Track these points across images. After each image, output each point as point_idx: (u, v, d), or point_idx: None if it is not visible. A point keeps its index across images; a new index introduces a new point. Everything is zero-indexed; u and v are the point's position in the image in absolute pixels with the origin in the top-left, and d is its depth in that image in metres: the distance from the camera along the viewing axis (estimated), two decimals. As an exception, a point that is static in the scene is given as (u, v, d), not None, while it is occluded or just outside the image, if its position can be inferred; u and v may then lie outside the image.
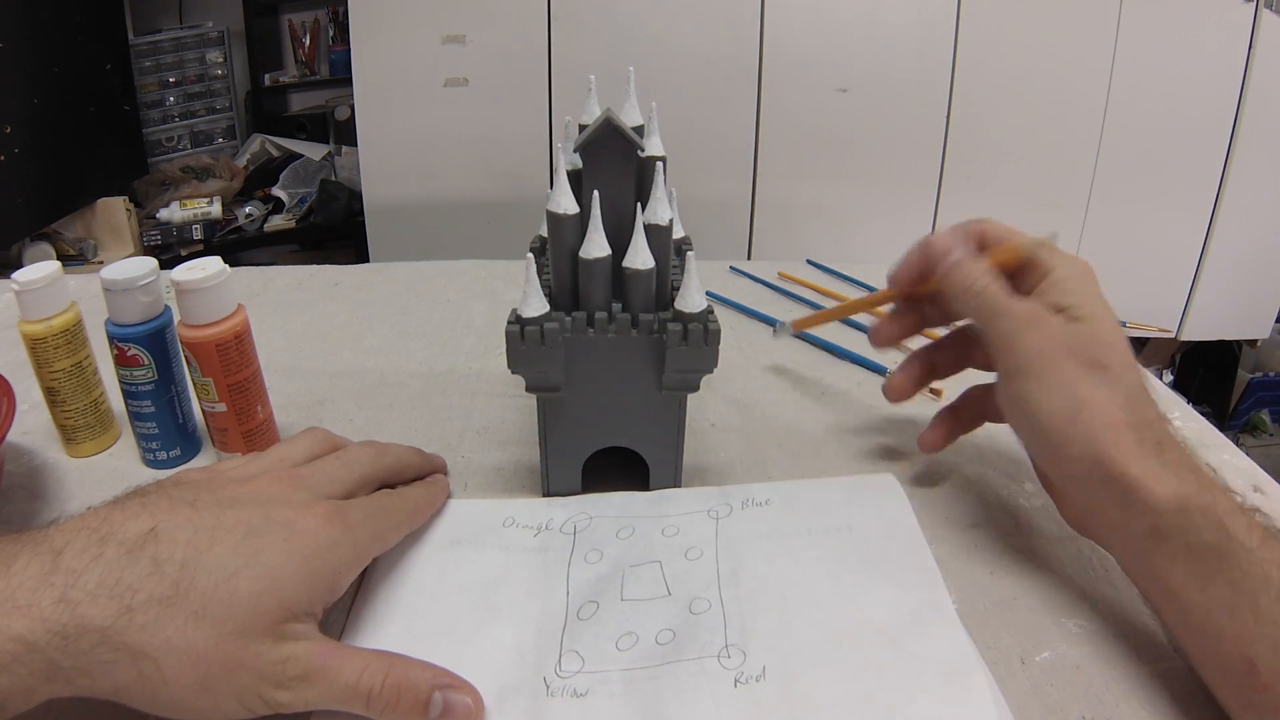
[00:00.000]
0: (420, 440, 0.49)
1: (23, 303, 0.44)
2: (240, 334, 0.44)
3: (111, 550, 0.28)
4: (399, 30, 1.56)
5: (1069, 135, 1.64)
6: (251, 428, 0.46)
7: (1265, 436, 2.05)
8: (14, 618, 0.25)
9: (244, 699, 0.28)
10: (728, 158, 1.64)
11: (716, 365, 0.39)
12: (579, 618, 0.36)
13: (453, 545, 0.40)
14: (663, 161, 0.39)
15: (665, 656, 0.34)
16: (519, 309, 0.38)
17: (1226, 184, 1.68)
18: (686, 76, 1.58)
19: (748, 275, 0.78)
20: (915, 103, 1.60)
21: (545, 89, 1.59)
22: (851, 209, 1.68)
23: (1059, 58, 1.59)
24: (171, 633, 0.27)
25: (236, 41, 2.14)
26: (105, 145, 1.81)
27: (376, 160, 1.65)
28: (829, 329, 0.67)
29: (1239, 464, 0.50)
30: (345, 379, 0.58)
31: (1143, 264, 1.74)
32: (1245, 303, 1.82)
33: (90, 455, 0.49)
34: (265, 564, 0.30)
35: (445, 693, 0.30)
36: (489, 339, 0.64)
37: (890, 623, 0.35)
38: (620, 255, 0.38)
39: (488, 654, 0.34)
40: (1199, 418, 0.55)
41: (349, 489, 0.37)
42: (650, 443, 0.43)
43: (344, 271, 0.78)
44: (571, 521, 0.42)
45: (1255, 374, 2.02)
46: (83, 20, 1.72)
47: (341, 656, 0.30)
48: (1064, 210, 1.69)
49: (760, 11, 1.55)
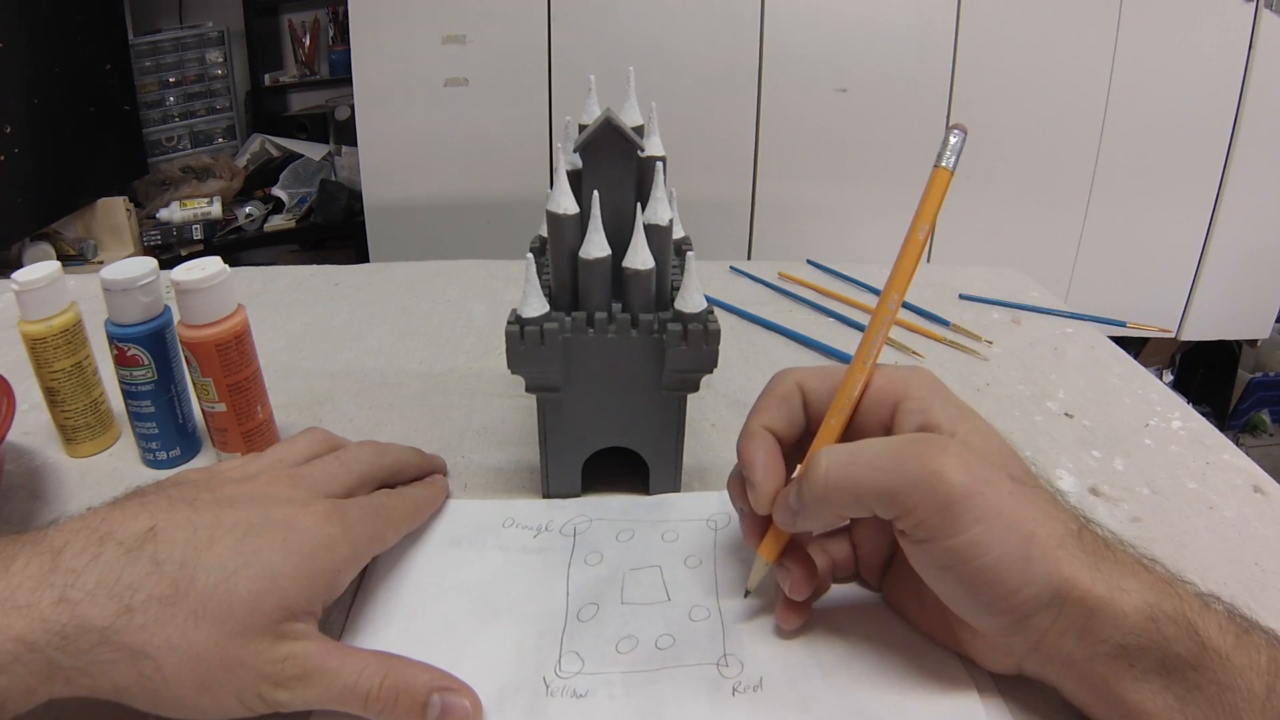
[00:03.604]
0: (420, 440, 0.49)
1: (23, 303, 0.44)
2: (240, 334, 0.44)
3: (111, 550, 0.28)
4: (399, 30, 1.56)
5: (1069, 135, 1.64)
6: (251, 428, 0.46)
7: (1265, 436, 2.05)
8: (14, 618, 0.25)
9: (244, 698, 0.28)
10: (728, 158, 1.64)
11: (716, 365, 0.39)
12: (579, 619, 0.36)
13: (452, 545, 0.40)
14: (663, 161, 0.39)
15: (665, 661, 0.34)
16: (519, 309, 0.38)
17: (1226, 184, 1.68)
18: (686, 76, 1.58)
19: (748, 275, 0.78)
20: (915, 103, 1.60)
21: (545, 89, 1.59)
22: (851, 209, 1.68)
23: (1059, 58, 1.59)
24: (171, 632, 0.27)
25: (236, 41, 2.14)
26: (105, 145, 1.81)
27: (376, 160, 1.65)
28: (829, 330, 0.67)
29: (1239, 464, 0.50)
30: (345, 379, 0.58)
31: (1143, 264, 1.74)
32: (1245, 303, 1.82)
33: (90, 455, 0.49)
34: (265, 563, 0.30)
35: (443, 695, 0.30)
36: (489, 339, 0.64)
37: (884, 634, 0.35)
38: (620, 255, 0.38)
39: (487, 654, 0.34)
40: (1199, 418, 0.55)
41: (348, 488, 0.37)
42: (650, 443, 0.43)
43: (344, 271, 0.78)
44: (571, 524, 0.42)
45: (1255, 374, 2.02)
46: (83, 20, 1.72)
47: (340, 657, 0.30)
48: (1064, 210, 1.69)
49: (760, 11, 1.55)
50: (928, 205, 0.33)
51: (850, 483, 0.30)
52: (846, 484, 0.30)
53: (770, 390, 0.35)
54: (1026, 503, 0.28)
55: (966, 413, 0.32)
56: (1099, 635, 0.28)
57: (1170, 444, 0.52)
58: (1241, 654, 0.27)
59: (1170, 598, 0.27)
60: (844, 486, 0.30)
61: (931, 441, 0.29)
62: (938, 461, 0.28)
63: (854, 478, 0.30)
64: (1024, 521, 0.28)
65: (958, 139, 0.34)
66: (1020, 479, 0.29)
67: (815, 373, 0.35)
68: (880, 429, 0.33)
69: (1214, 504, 0.46)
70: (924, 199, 0.33)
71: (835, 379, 0.34)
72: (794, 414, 0.34)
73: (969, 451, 0.29)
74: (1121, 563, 0.28)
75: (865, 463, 0.30)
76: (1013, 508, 0.28)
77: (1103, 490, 0.47)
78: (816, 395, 0.34)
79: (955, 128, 0.34)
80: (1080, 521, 0.29)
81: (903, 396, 0.32)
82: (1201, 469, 0.49)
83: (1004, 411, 0.55)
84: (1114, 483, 0.47)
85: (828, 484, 0.30)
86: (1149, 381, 0.60)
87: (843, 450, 0.30)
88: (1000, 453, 0.31)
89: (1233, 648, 0.27)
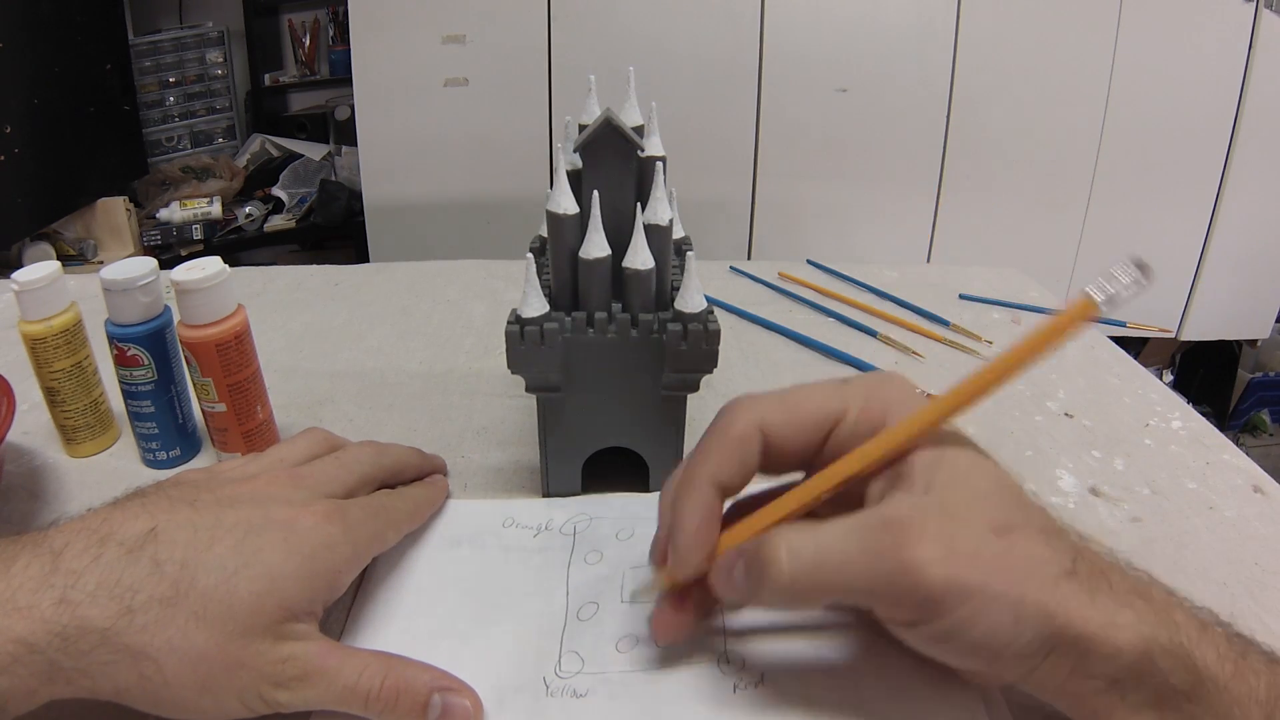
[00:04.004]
0: (420, 440, 0.49)
1: (23, 303, 0.44)
2: (240, 334, 0.44)
3: (111, 551, 0.28)
4: (399, 30, 1.57)
5: (1069, 135, 1.64)
6: (251, 428, 0.46)
7: (1265, 436, 2.05)
8: (14, 619, 0.25)
9: (245, 699, 0.28)
10: (728, 158, 1.64)
11: (716, 365, 0.39)
12: (579, 618, 0.36)
13: (452, 545, 0.40)
14: (663, 161, 0.39)
15: (665, 659, 0.34)
16: (519, 309, 0.38)
17: (1226, 184, 1.68)
18: (686, 76, 1.58)
19: (748, 275, 0.78)
20: (915, 103, 1.60)
21: (545, 89, 1.59)
22: (851, 209, 1.68)
23: (1059, 58, 1.59)
24: (172, 633, 0.27)
25: (236, 41, 2.14)
26: (105, 145, 1.81)
27: (376, 160, 1.65)
28: (829, 330, 0.67)
29: (1239, 464, 0.50)
30: (345, 379, 0.58)
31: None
32: (1245, 303, 1.82)
33: (90, 455, 0.49)
34: (265, 563, 0.30)
35: (444, 695, 0.30)
36: (489, 339, 0.64)
37: (886, 631, 0.35)
38: (620, 255, 0.38)
39: (487, 654, 0.34)
40: (1199, 418, 0.55)
41: (349, 488, 0.37)
42: (650, 443, 0.43)
43: (344, 271, 0.78)
44: (571, 522, 0.42)
45: (1255, 374, 2.02)
46: (83, 20, 1.72)
47: (341, 657, 0.30)
48: (1064, 210, 1.69)
49: (760, 11, 1.55)
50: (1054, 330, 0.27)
51: (817, 583, 0.27)
52: (812, 584, 0.27)
53: (723, 429, 0.30)
54: (1013, 558, 0.26)
55: (942, 448, 0.28)
56: (1091, 671, 0.26)
57: (1170, 444, 0.52)
58: (1239, 682, 0.26)
59: (1166, 627, 0.26)
60: (810, 586, 0.27)
61: (905, 529, 0.26)
62: (914, 554, 0.26)
63: (821, 579, 0.27)
64: (1011, 584, 0.26)
65: (1134, 285, 0.25)
66: (1006, 525, 0.27)
67: (777, 406, 0.30)
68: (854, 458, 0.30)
69: (1214, 504, 0.46)
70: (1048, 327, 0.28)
71: (802, 413, 0.30)
72: (749, 461, 0.30)
73: (946, 522, 0.26)
74: (1118, 593, 0.27)
75: (834, 563, 0.27)
76: (998, 573, 0.26)
77: (1103, 490, 0.47)
78: (780, 436, 0.30)
79: (1139, 268, 0.25)
80: (1076, 550, 0.27)
81: (879, 428, 0.29)
82: (1201, 469, 0.49)
83: (1004, 412, 0.55)
84: (1114, 483, 0.47)
85: (793, 583, 0.27)
86: (1149, 381, 0.60)
87: (807, 541, 0.27)
88: (981, 493, 0.28)
89: (1231, 676, 0.26)
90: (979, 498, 0.28)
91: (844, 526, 0.27)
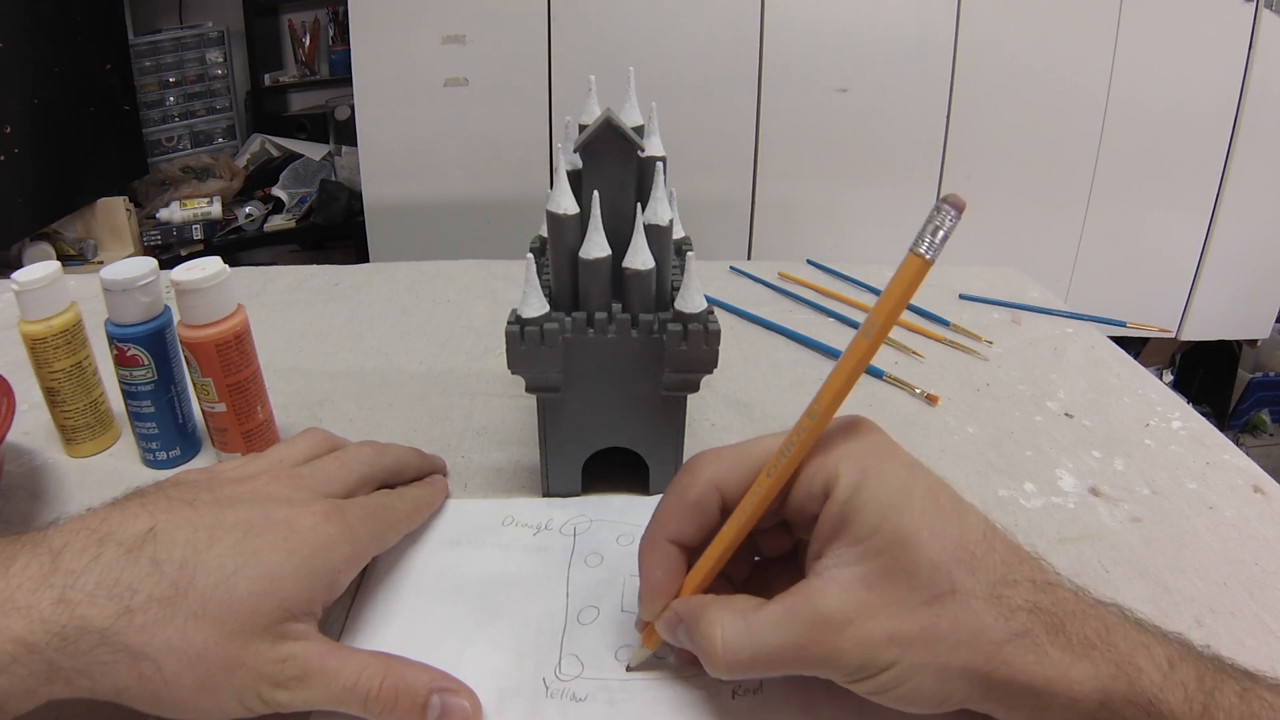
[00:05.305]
0: (420, 440, 0.49)
1: (23, 303, 0.44)
2: (240, 334, 0.44)
3: (110, 550, 0.28)
4: (399, 30, 1.56)
5: (1069, 135, 1.64)
6: (251, 428, 0.46)
7: (1265, 436, 2.05)
8: (14, 619, 0.25)
9: (244, 698, 0.28)
10: (728, 158, 1.64)
11: (716, 365, 0.39)
12: (579, 621, 0.36)
13: (452, 545, 0.40)
14: (663, 161, 0.39)
15: (664, 665, 0.34)
16: (519, 309, 0.38)
17: (1226, 184, 1.68)
18: (686, 76, 1.58)
19: (748, 275, 0.78)
20: (915, 103, 1.60)
21: (545, 89, 1.59)
22: (851, 209, 1.68)
23: (1059, 58, 1.59)
24: (171, 633, 0.27)
25: (236, 41, 2.14)
26: (105, 145, 1.81)
27: (376, 160, 1.65)
28: (829, 330, 0.67)
29: (1239, 464, 0.50)
30: (345, 379, 0.58)
31: (1143, 264, 1.74)
32: (1245, 303, 1.82)
33: (90, 455, 0.49)
34: (264, 563, 0.30)
35: (443, 696, 0.30)
36: (489, 339, 0.64)
37: None
38: (620, 255, 0.38)
39: (487, 654, 0.34)
40: (1199, 418, 0.55)
41: (348, 488, 0.37)
42: (650, 443, 0.43)
43: (344, 271, 0.78)
44: (571, 523, 0.42)
45: (1255, 374, 2.02)
46: (83, 20, 1.72)
47: (340, 657, 0.30)
48: (1064, 210, 1.69)
49: (760, 11, 1.55)
50: (890, 298, 0.28)
51: (752, 670, 0.29)
52: (747, 671, 0.29)
53: (680, 492, 0.32)
54: (940, 629, 0.27)
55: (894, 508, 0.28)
56: (1050, 717, 0.27)
57: (1170, 444, 0.52)
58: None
59: (1126, 675, 0.26)
60: (745, 672, 0.29)
61: (828, 624, 0.27)
62: (838, 644, 0.27)
63: (755, 669, 0.29)
64: (934, 655, 0.27)
65: (950, 221, 0.25)
66: (943, 591, 0.27)
67: (731, 463, 0.31)
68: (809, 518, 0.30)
69: (1214, 504, 0.46)
70: (888, 289, 0.28)
71: (755, 468, 0.31)
72: (707, 519, 0.32)
73: (875, 603, 0.27)
74: (1074, 644, 0.27)
75: (765, 656, 0.28)
76: (919, 645, 0.27)
77: (1103, 490, 0.47)
78: (738, 492, 0.31)
79: (947, 204, 0.25)
80: (1033, 600, 0.27)
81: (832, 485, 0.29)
82: (1201, 469, 0.49)
83: (1004, 411, 0.55)
84: (1114, 483, 0.47)
85: (729, 670, 0.29)
86: (1149, 381, 0.60)
87: (741, 633, 0.29)
88: (922, 564, 0.27)
89: (1198, 718, 0.26)
90: (916, 560, 0.27)
91: (776, 616, 0.29)
